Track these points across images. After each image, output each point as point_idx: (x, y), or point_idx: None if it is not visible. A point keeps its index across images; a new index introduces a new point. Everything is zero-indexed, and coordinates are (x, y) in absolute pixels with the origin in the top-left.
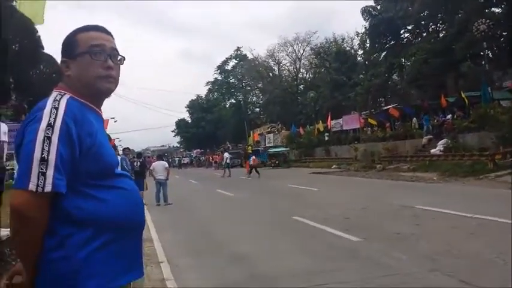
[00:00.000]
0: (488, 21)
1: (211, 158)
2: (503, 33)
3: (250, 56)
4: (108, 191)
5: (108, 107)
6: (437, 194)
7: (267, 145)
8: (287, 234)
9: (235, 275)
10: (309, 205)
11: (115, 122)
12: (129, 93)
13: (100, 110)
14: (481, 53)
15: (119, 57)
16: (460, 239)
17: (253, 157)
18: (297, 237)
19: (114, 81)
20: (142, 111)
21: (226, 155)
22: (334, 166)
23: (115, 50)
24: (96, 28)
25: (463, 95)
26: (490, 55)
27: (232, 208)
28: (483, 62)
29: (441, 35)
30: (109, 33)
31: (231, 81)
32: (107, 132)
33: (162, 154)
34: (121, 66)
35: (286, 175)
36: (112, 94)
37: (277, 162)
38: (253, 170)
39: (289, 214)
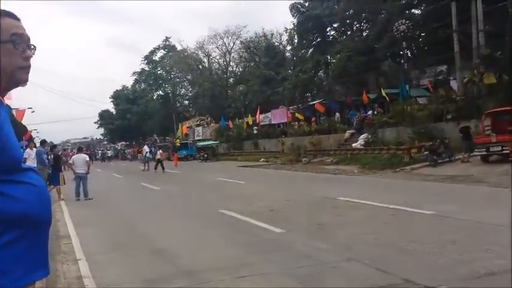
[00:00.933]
0: (408, 22)
1: (136, 151)
2: (422, 34)
3: (179, 47)
4: (16, 186)
5: (25, 96)
6: (357, 186)
7: (195, 138)
8: (213, 228)
9: (158, 270)
10: (235, 198)
11: (32, 112)
12: (48, 82)
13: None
14: (401, 53)
15: (33, 47)
16: (376, 229)
17: (160, 151)
18: (222, 230)
19: (29, 71)
20: (63, 101)
21: (145, 148)
22: (262, 159)
23: (29, 40)
24: (13, 16)
25: (383, 92)
26: (409, 55)
27: (157, 202)
28: (402, 61)
29: (364, 34)
30: (20, 20)
31: (158, 72)
32: (23, 123)
33: (83, 146)
34: (37, 51)
35: (215, 168)
36: (29, 83)
37: (206, 155)
38: (159, 164)
39: (215, 207)
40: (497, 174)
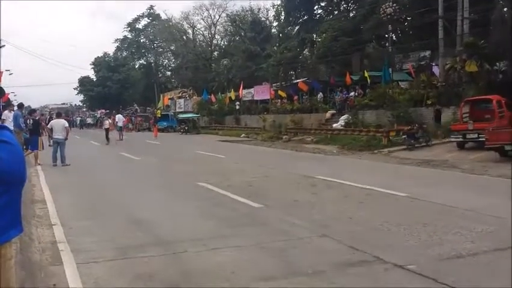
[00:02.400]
0: (394, 5)
1: (114, 119)
2: (408, 18)
3: (163, 16)
4: None
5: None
6: (335, 166)
7: (177, 110)
8: (190, 200)
9: (133, 239)
10: (214, 172)
11: (10, 74)
12: (28, 45)
13: None
14: (386, 36)
15: None
16: (351, 208)
17: (109, 121)
18: (200, 203)
19: None
20: (42, 65)
21: (118, 117)
22: (243, 135)
23: None
24: None
25: (366, 74)
26: (394, 38)
27: (135, 172)
28: (387, 44)
29: (351, 14)
30: None
31: (141, 40)
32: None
33: (61, 112)
34: (18, 13)
35: (195, 141)
36: (8, 45)
37: (186, 128)
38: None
39: (194, 180)
40: (471, 160)
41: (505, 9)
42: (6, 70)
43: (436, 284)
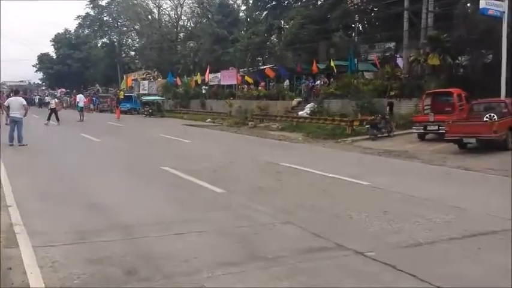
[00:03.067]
0: None
1: (74, 99)
2: (374, 9)
3: None
4: None
5: None
6: (300, 153)
7: (141, 92)
8: (153, 184)
9: (92, 223)
10: (178, 156)
11: None
12: None
13: None
14: (352, 25)
15: None
16: (314, 195)
17: (55, 100)
18: (162, 187)
19: None
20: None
21: (79, 97)
22: (208, 120)
23: None
24: None
25: (332, 63)
26: (360, 28)
27: (96, 154)
28: (353, 34)
29: (319, 2)
30: None
31: (104, 18)
32: None
33: (19, 90)
34: None
35: (159, 125)
36: None
37: (150, 110)
38: (54, 114)
39: (157, 164)
40: (431, 151)
41: (468, 4)
42: None
43: (394, 271)
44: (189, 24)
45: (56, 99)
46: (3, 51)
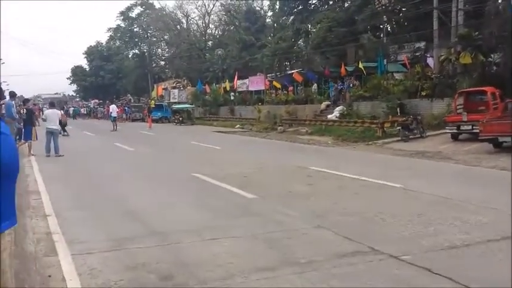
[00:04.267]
0: None
1: (108, 110)
2: (403, 9)
3: (157, 5)
4: None
5: None
6: (330, 157)
7: (171, 101)
8: (185, 191)
9: (127, 230)
10: (210, 163)
11: (2, 64)
12: (19, 34)
13: None
14: (381, 26)
15: None
16: (346, 199)
17: (61, 112)
18: (194, 194)
19: None
20: (35, 54)
21: (112, 107)
22: (237, 126)
23: None
24: None
25: (361, 65)
26: (389, 29)
27: (130, 163)
28: (381, 35)
29: (346, 4)
30: None
31: (135, 30)
32: None
33: (54, 102)
34: (11, 3)
35: (190, 132)
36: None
37: (181, 118)
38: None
39: (189, 171)
40: (465, 152)
41: (500, 0)
42: None
43: (430, 274)
44: (216, 32)
45: (61, 111)
46: (39, 65)
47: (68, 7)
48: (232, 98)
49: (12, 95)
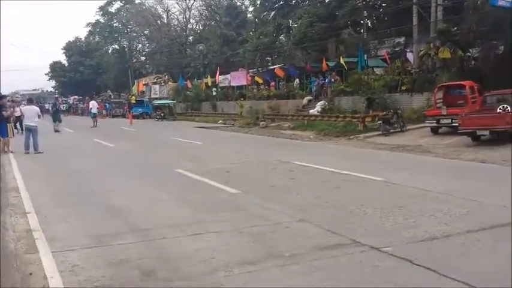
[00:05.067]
0: None
1: (87, 106)
2: (383, 4)
3: (137, 0)
4: None
5: None
6: (312, 151)
7: (152, 96)
8: (167, 186)
9: (109, 227)
10: (192, 158)
11: None
12: None
13: None
14: (361, 22)
15: None
16: (328, 193)
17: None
18: (177, 189)
19: None
20: (12, 49)
21: (92, 103)
22: (220, 121)
23: None
24: None
25: (342, 61)
26: (369, 24)
27: (111, 159)
28: (362, 31)
29: (327, 0)
30: None
31: (114, 25)
32: None
33: (33, 98)
34: None
35: (171, 128)
36: None
37: (162, 114)
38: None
39: (171, 166)
40: (445, 145)
41: None
42: None
43: (412, 265)
44: (197, 27)
45: (20, 107)
46: (16, 61)
47: (46, 1)
48: (214, 93)
49: None
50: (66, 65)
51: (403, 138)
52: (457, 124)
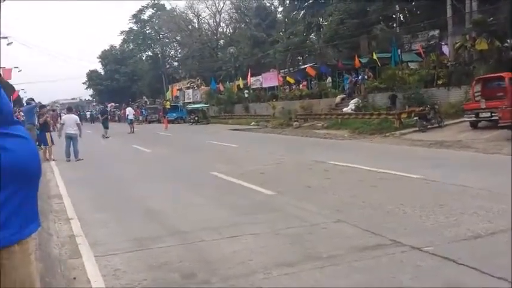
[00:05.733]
0: None
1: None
2: None
3: (168, 7)
4: (11, 139)
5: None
6: (347, 150)
7: (186, 101)
8: (203, 190)
9: (148, 230)
10: (226, 161)
11: (19, 71)
12: (35, 41)
13: None
14: (393, 16)
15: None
16: (365, 192)
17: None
18: (213, 192)
19: None
20: (50, 60)
21: (128, 110)
22: (252, 123)
23: None
24: None
25: (375, 57)
26: (402, 18)
27: (148, 164)
28: (394, 25)
29: None
30: None
31: (147, 32)
32: (10, 82)
33: (72, 107)
34: (24, 10)
35: (205, 131)
36: (16, 41)
37: (196, 118)
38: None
39: (206, 170)
40: (484, 140)
41: None
42: (15, 67)
43: (455, 265)
44: (228, 30)
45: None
46: (56, 72)
47: (80, 13)
48: (246, 95)
49: (30, 101)
50: (102, 73)
51: (441, 134)
52: (497, 117)
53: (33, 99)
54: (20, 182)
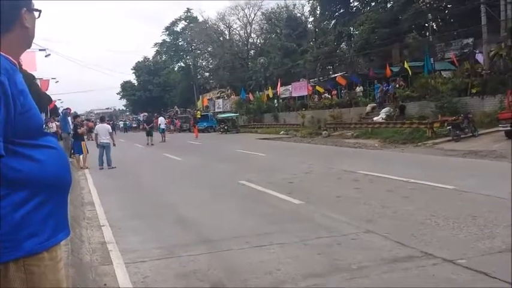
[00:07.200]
0: None
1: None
2: (448, 6)
3: (200, 19)
4: (40, 150)
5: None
6: (377, 160)
7: (216, 110)
8: (232, 198)
9: (178, 238)
10: (255, 170)
11: (56, 82)
12: (71, 53)
13: None
14: (426, 25)
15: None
16: (396, 202)
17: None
18: (242, 201)
19: None
20: (86, 71)
21: (160, 119)
22: (282, 132)
23: None
24: None
25: (407, 65)
26: (434, 27)
27: (178, 172)
28: (427, 34)
29: (389, 5)
30: None
31: (180, 43)
32: (48, 93)
33: (105, 116)
34: (61, 23)
35: (235, 140)
36: (53, 53)
37: (226, 127)
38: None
39: (235, 178)
40: None
41: None
42: (52, 78)
43: (488, 278)
44: (258, 41)
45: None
46: (91, 82)
47: (116, 27)
48: (275, 104)
49: (65, 112)
50: (135, 84)
51: (475, 144)
52: None
53: (69, 109)
54: (50, 191)
